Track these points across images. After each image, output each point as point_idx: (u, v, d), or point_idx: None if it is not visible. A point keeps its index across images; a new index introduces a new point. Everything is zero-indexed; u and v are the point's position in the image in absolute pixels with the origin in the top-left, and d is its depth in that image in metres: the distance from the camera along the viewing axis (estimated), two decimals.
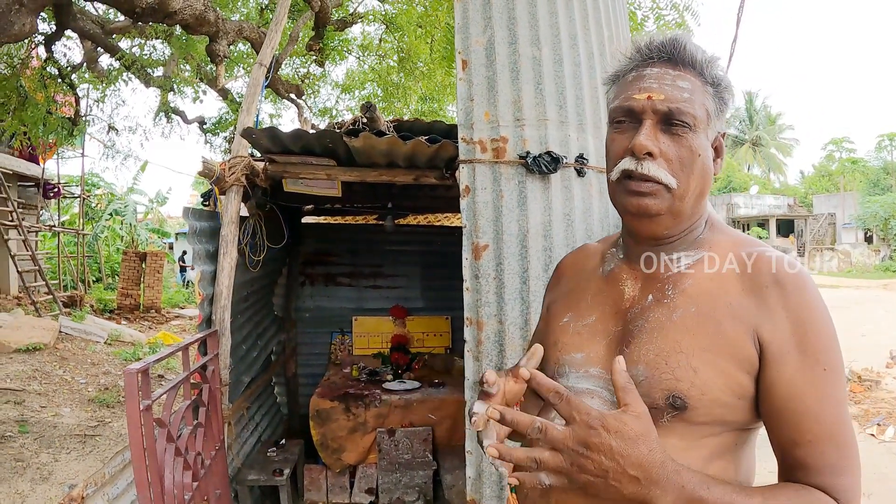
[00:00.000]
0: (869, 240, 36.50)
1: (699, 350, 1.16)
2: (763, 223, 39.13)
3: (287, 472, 4.21)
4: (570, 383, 1.30)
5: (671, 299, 1.24)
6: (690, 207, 1.26)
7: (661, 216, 1.24)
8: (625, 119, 1.26)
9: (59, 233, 15.21)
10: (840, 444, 1.12)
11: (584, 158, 2.46)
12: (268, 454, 4.46)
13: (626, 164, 1.23)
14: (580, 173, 2.46)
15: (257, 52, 7.15)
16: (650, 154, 1.20)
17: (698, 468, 1.09)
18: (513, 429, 1.10)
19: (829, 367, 1.13)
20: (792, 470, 1.15)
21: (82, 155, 15.64)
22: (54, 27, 8.54)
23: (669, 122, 1.21)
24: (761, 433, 1.25)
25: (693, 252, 1.30)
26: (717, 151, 1.30)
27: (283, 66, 10.03)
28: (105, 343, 10.09)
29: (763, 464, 1.29)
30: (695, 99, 1.22)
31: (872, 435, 6.39)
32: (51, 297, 12.15)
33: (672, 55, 1.24)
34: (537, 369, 1.37)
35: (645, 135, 1.20)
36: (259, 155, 3.91)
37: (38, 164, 14.57)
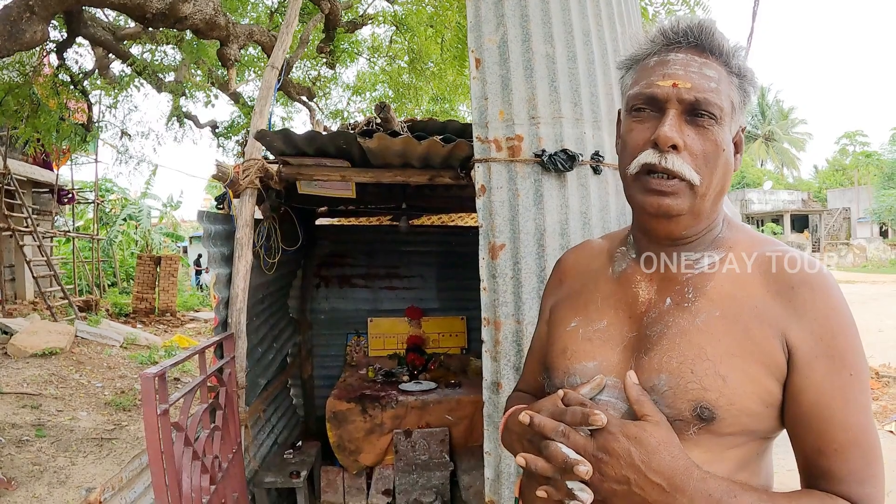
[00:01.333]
0: (884, 234, 36.28)
1: (727, 356, 1.09)
2: (777, 219, 38.92)
3: (304, 473, 4.21)
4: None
5: (692, 302, 1.16)
6: (711, 206, 1.18)
7: (682, 216, 1.16)
8: (645, 107, 1.17)
9: (73, 238, 15.35)
10: (865, 452, 1.07)
11: (600, 156, 2.44)
12: (284, 456, 4.46)
13: (648, 157, 1.13)
14: (596, 171, 2.44)
15: (268, 56, 7.16)
16: (675, 147, 1.11)
17: None
18: (538, 432, 1.09)
19: (855, 372, 1.09)
20: (815, 479, 1.10)
21: (95, 160, 15.76)
22: (65, 34, 8.59)
23: (695, 112, 1.13)
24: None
25: (712, 252, 1.22)
26: (737, 146, 1.22)
27: (294, 68, 10.06)
28: (121, 347, 10.14)
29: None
30: (721, 89, 1.14)
31: (891, 432, 6.32)
32: (66, 301, 12.23)
33: (699, 41, 1.15)
34: (545, 377, 1.35)
35: (670, 125, 1.11)
36: (272, 157, 3.91)
37: (52, 170, 14.68)
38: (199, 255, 24.40)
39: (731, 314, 1.13)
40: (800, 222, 39.87)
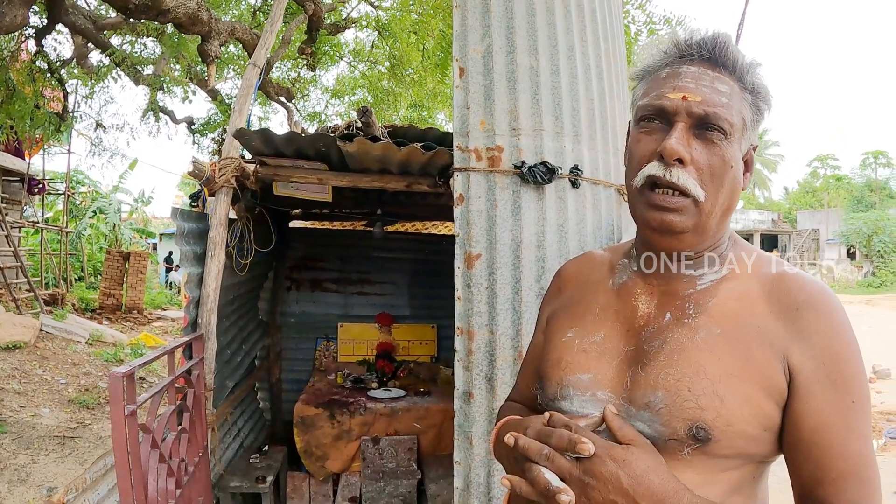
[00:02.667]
0: (852, 256, 36.85)
1: (725, 376, 1.06)
2: (747, 238, 39.33)
3: (270, 479, 4.16)
4: (575, 408, 1.19)
5: (693, 318, 1.14)
6: (716, 224, 1.17)
7: (685, 234, 1.14)
8: (654, 118, 1.16)
9: (42, 229, 15.07)
10: (864, 482, 1.04)
11: (579, 170, 2.45)
12: (250, 461, 4.41)
13: (653, 169, 1.12)
14: (574, 185, 2.45)
15: (249, 54, 7.10)
16: (681, 160, 1.10)
17: None
18: (523, 455, 1.05)
19: (857, 399, 1.06)
20: None
21: (68, 151, 15.49)
22: (45, 21, 8.47)
23: (704, 126, 1.12)
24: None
25: (717, 269, 1.20)
26: (747, 165, 1.21)
27: (274, 68, 10.00)
28: (86, 343, 9.96)
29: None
30: (733, 104, 1.13)
31: None
32: (32, 294, 12.00)
33: (712, 54, 1.15)
34: (538, 388, 1.31)
35: (676, 138, 1.10)
36: (249, 157, 3.87)
37: (24, 158, 14.42)
38: (170, 252, 24.14)
39: (732, 333, 1.11)
40: (769, 242, 40.36)
